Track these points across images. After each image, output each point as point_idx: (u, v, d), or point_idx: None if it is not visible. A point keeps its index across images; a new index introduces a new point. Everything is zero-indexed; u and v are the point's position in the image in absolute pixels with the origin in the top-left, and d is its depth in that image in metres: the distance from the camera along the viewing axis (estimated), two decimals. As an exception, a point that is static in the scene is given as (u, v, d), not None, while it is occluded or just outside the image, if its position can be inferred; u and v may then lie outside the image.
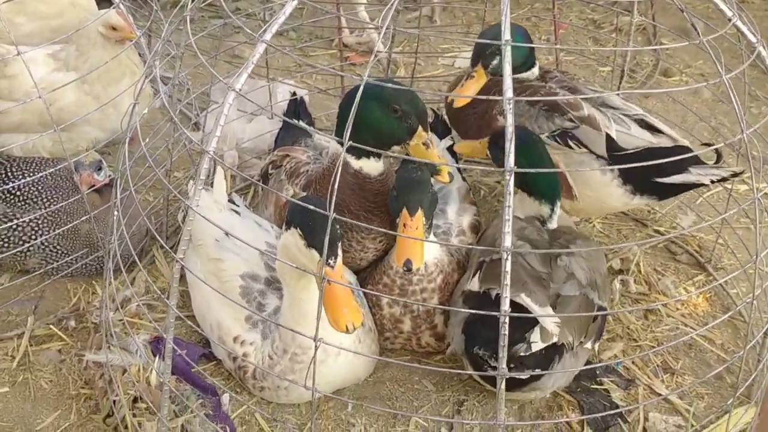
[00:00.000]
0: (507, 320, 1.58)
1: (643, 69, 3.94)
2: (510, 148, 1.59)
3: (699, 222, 2.99)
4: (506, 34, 1.69)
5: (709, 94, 3.71)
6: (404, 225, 2.14)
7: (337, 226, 1.94)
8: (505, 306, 1.57)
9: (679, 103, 3.56)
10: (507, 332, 1.59)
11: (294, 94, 3.17)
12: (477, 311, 1.69)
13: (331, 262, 1.90)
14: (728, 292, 2.73)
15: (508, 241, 1.57)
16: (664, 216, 3.04)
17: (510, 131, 1.60)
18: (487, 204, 3.07)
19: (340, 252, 1.94)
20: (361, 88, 1.81)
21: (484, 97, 2.48)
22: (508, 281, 1.57)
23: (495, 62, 2.48)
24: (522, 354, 2.04)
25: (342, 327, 1.83)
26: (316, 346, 1.68)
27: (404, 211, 2.16)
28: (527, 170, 1.83)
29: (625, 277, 2.73)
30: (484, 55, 2.50)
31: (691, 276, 2.81)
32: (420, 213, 2.16)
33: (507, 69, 1.70)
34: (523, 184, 2.41)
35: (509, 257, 1.56)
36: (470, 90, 2.51)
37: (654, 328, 2.58)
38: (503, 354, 1.60)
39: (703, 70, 3.97)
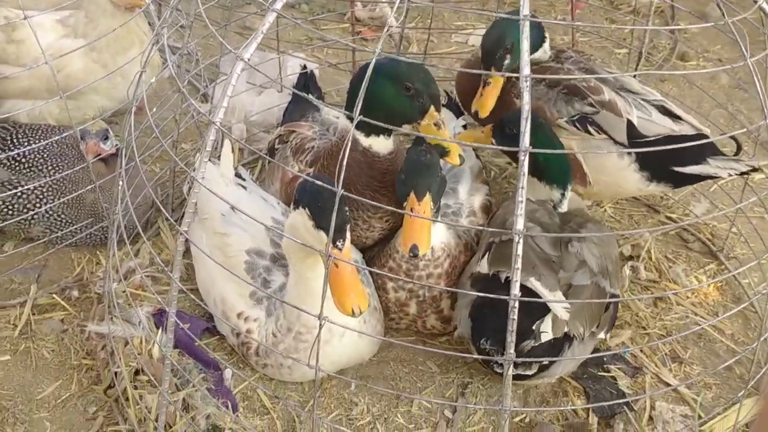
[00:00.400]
0: (516, 305, 1.54)
1: (660, 52, 3.87)
2: (526, 127, 1.54)
3: (712, 209, 2.94)
4: (525, 9, 1.64)
5: (727, 80, 3.64)
6: (411, 209, 2.09)
7: (346, 209, 1.90)
8: (515, 290, 1.53)
9: (696, 87, 3.50)
10: (516, 317, 1.55)
11: (304, 67, 3.12)
12: (486, 294, 1.65)
13: (339, 244, 1.86)
14: (740, 282, 2.69)
15: (520, 223, 1.53)
16: (676, 202, 3.00)
17: (526, 110, 1.56)
18: (498, 185, 3.02)
19: (348, 235, 1.90)
20: (372, 62, 1.77)
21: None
22: (519, 265, 1.53)
23: (507, 62, 2.42)
24: (532, 346, 2.01)
25: (348, 310, 1.81)
26: (320, 324, 1.65)
27: (412, 195, 2.10)
28: (544, 151, 1.77)
29: (636, 264, 2.69)
30: (494, 59, 2.44)
31: (702, 264, 2.77)
32: (428, 197, 2.10)
33: (525, 45, 1.65)
34: (533, 169, 2.35)
35: (521, 240, 1.52)
36: (491, 98, 2.46)
37: (663, 316, 2.55)
38: (511, 339, 1.57)
39: (721, 55, 3.90)
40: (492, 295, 1.62)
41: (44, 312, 2.46)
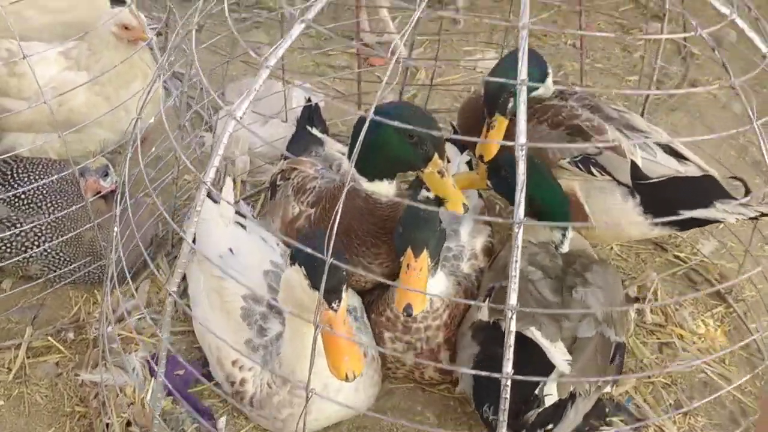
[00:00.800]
0: (509, 383, 1.50)
1: (671, 79, 3.81)
2: (520, 198, 1.50)
3: (721, 249, 2.88)
4: (523, 73, 1.60)
5: (740, 109, 3.58)
6: (408, 266, 2.04)
7: (343, 269, 1.84)
8: (508, 369, 1.49)
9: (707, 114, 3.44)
10: (508, 396, 1.51)
11: (309, 100, 3.09)
12: (481, 372, 1.59)
13: (334, 305, 1.81)
14: (748, 327, 2.63)
15: (513, 299, 1.48)
16: (684, 241, 2.94)
17: (522, 180, 1.52)
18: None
19: (344, 295, 1.85)
20: (373, 108, 1.74)
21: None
22: (512, 342, 1.48)
23: (510, 105, 2.40)
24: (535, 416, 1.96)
25: (342, 375, 1.76)
26: (307, 396, 1.61)
27: (408, 251, 2.05)
28: (537, 223, 1.73)
29: (642, 306, 2.63)
30: (497, 104, 2.42)
31: (710, 307, 2.71)
32: (425, 254, 2.05)
33: (522, 109, 1.61)
34: (533, 210, 2.30)
35: (514, 316, 1.47)
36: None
37: (668, 362, 2.49)
38: (504, 418, 1.52)
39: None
40: (486, 373, 1.56)
41: (39, 355, 2.43)
